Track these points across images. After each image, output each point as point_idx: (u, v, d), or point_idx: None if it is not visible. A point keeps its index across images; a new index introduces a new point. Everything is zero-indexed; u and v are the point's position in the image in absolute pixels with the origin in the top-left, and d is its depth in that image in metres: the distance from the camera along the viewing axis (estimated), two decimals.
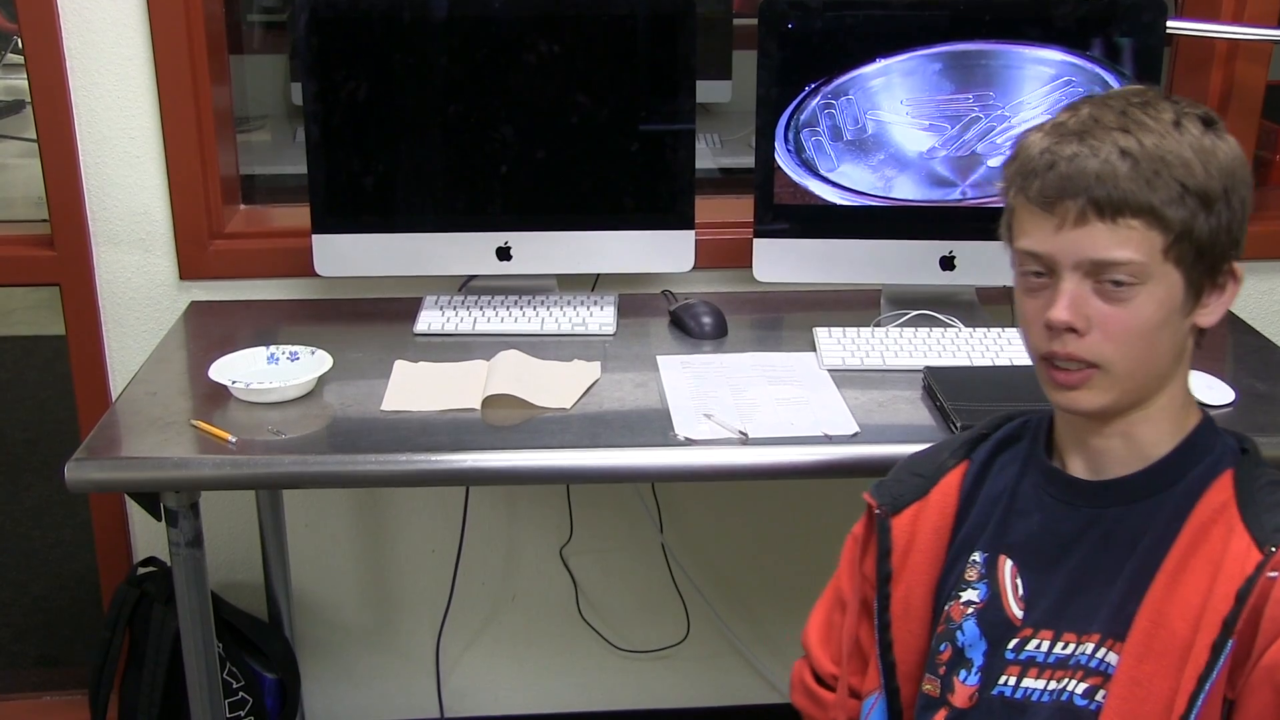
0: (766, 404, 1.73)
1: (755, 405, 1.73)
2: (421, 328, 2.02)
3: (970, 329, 1.96)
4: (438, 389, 1.79)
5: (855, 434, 1.66)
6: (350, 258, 2.05)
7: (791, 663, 1.45)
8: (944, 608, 1.26)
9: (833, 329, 1.95)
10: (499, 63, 1.99)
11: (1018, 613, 1.20)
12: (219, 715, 1.84)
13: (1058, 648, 1.16)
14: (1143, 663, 1.10)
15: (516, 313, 2.04)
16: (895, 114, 1.99)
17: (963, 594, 1.24)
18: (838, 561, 1.39)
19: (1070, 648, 1.15)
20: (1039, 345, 1.16)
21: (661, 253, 2.07)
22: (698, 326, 2.01)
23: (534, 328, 2.00)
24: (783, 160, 2.01)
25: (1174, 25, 2.06)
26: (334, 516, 2.41)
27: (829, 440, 1.65)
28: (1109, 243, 1.09)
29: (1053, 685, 1.15)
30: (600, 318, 2.03)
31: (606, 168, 2.04)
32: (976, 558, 1.25)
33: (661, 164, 2.03)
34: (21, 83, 2.17)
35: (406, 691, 2.53)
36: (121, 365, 2.23)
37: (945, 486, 1.30)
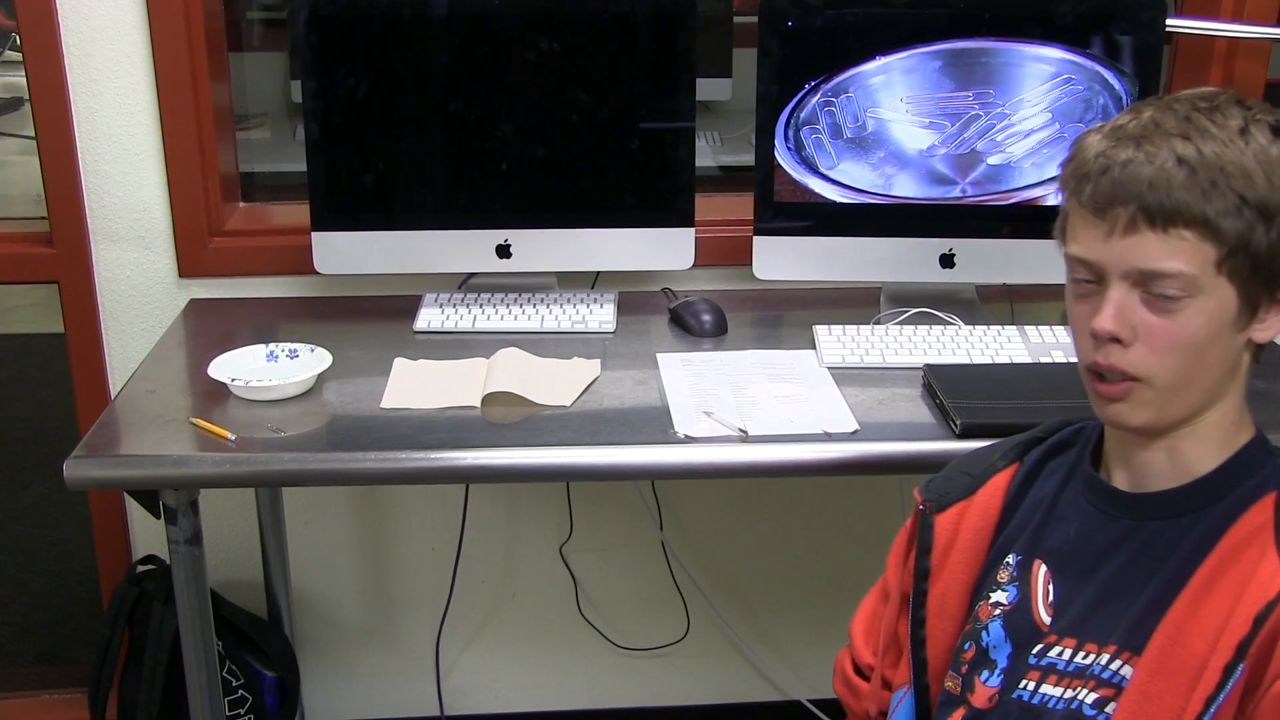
0: (766, 401, 1.73)
1: (755, 403, 1.73)
2: (421, 325, 2.02)
3: (970, 327, 1.96)
4: (437, 387, 1.79)
5: (855, 431, 1.66)
6: (350, 255, 2.05)
7: (792, 660, 1.46)
8: (974, 607, 1.25)
9: (832, 327, 1.95)
10: (499, 60, 1.99)
11: (1046, 619, 1.19)
12: (218, 713, 1.84)
13: (1079, 657, 1.15)
14: (1155, 678, 1.08)
15: (516, 310, 2.04)
16: (895, 112, 1.99)
17: (993, 595, 1.23)
18: (838, 558, 1.39)
19: (1090, 658, 1.14)
20: (1085, 355, 1.14)
21: (661, 250, 2.07)
22: (698, 324, 2.00)
23: (534, 325, 2.00)
24: (783, 158, 2.01)
25: (1173, 23, 2.06)
26: (334, 514, 2.41)
27: (829, 438, 1.65)
28: (1159, 253, 1.06)
29: (1068, 694, 1.14)
30: (600, 315, 2.03)
31: (607, 165, 2.04)
32: (1010, 560, 1.23)
33: (662, 161, 2.03)
34: (20, 80, 2.17)
35: (406, 689, 2.53)
36: (121, 363, 2.23)
37: (992, 487, 1.28)
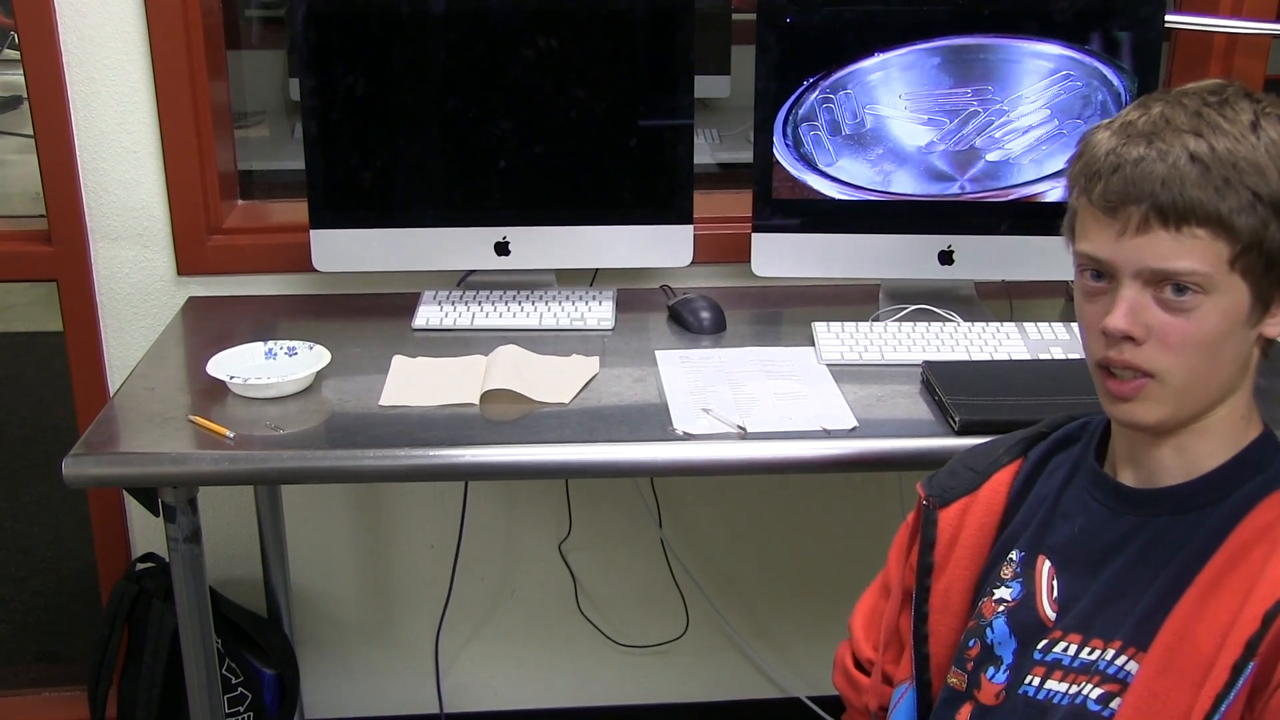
0: (765, 399, 1.73)
1: (754, 400, 1.72)
2: (420, 323, 2.02)
3: (969, 324, 1.96)
4: (436, 384, 1.79)
5: (854, 428, 1.66)
6: (348, 253, 2.05)
7: (791, 657, 1.46)
8: (978, 604, 1.24)
9: (831, 324, 1.95)
10: (497, 58, 1.98)
11: (1051, 614, 1.18)
12: (218, 711, 1.84)
13: (1084, 653, 1.14)
14: (1162, 675, 1.07)
15: (515, 308, 2.04)
16: (894, 108, 1.99)
17: (996, 591, 1.23)
18: (837, 555, 1.39)
19: (1096, 654, 1.13)
20: (1095, 352, 1.12)
21: (660, 247, 2.07)
22: (696, 321, 2.00)
23: (532, 323, 2.00)
24: (781, 155, 2.01)
25: (1172, 19, 2.06)
26: (333, 512, 2.41)
27: (827, 435, 1.65)
28: (1172, 252, 1.05)
29: (1073, 689, 1.13)
30: (599, 313, 2.03)
31: (605, 163, 2.04)
32: (1014, 556, 1.23)
33: (660, 159, 2.03)
34: (18, 78, 2.17)
35: (406, 686, 2.53)
36: (119, 361, 2.23)
37: (996, 483, 1.27)
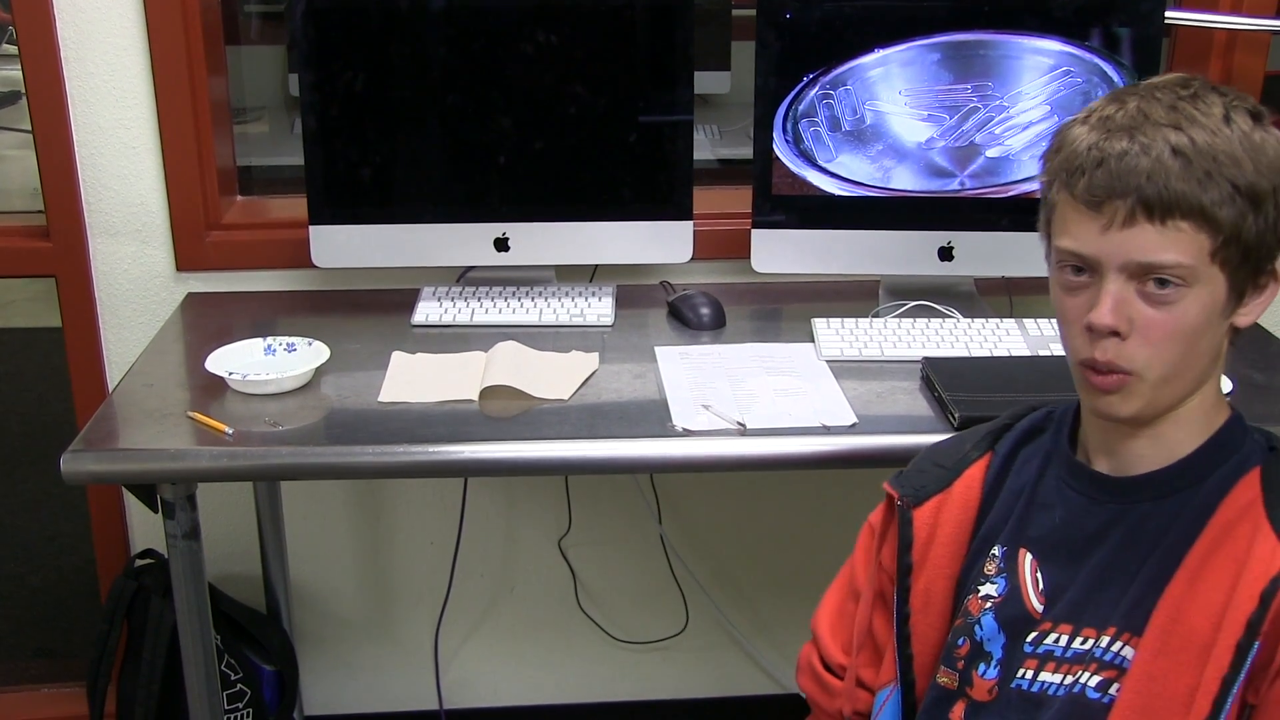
0: (765, 395, 1.73)
1: (753, 396, 1.72)
2: (419, 319, 2.02)
3: (969, 320, 1.96)
4: (435, 380, 1.78)
5: (853, 425, 1.66)
6: (347, 249, 2.05)
7: (791, 653, 1.45)
8: (963, 602, 1.24)
9: (831, 320, 1.95)
10: (497, 53, 1.98)
11: (1038, 606, 1.19)
12: (217, 707, 1.84)
13: (1076, 642, 1.15)
14: (1159, 658, 1.08)
15: (514, 304, 2.04)
16: (893, 104, 1.98)
17: (981, 588, 1.23)
18: (836, 551, 1.39)
19: (1089, 643, 1.14)
20: (1079, 349, 1.13)
21: (660, 243, 2.07)
22: (696, 317, 2.00)
23: (532, 319, 2.00)
24: (781, 151, 2.01)
25: (1172, 15, 2.06)
26: (332, 508, 2.40)
27: (827, 431, 1.65)
28: (1157, 245, 1.06)
29: (1068, 679, 1.14)
30: (598, 309, 2.03)
31: (605, 159, 2.04)
32: (996, 551, 1.23)
33: (660, 155, 2.03)
34: (16, 74, 2.16)
35: (405, 683, 2.53)
36: (118, 357, 2.23)
37: (968, 479, 1.28)
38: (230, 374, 1.75)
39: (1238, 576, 1.07)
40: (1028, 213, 2.00)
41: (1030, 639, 1.18)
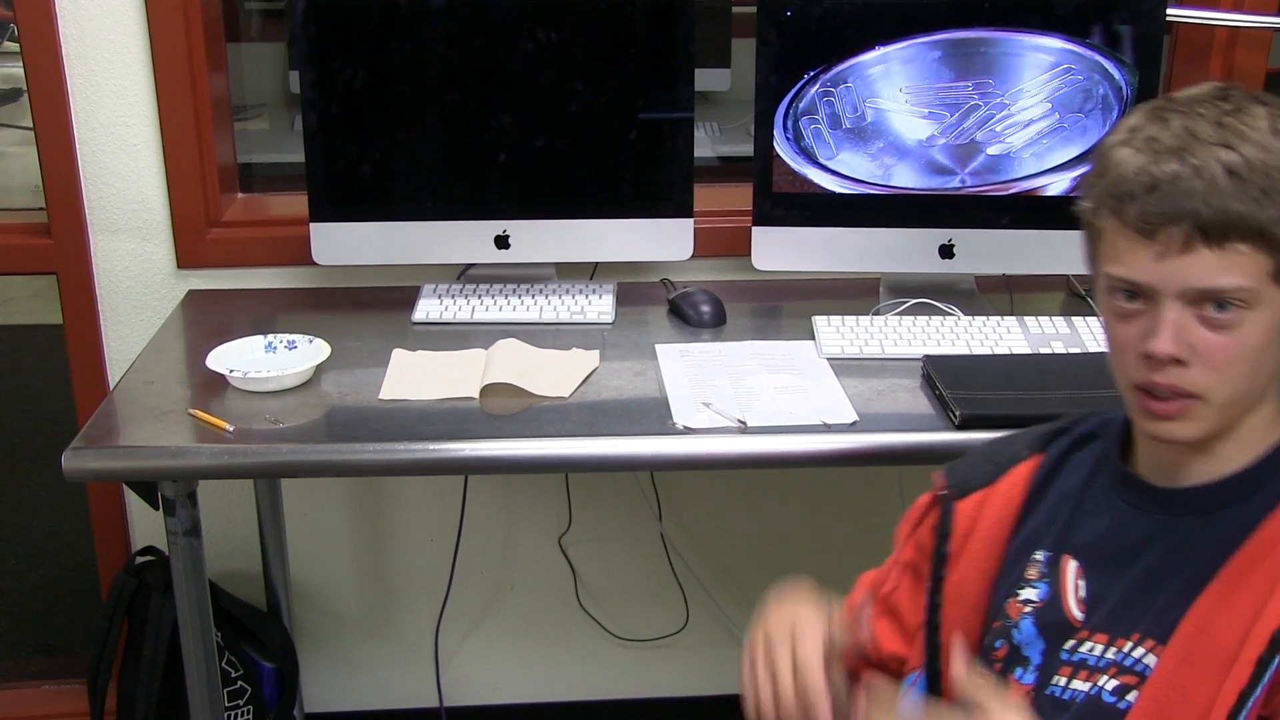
0: (765, 392, 1.73)
1: (754, 394, 1.72)
2: (420, 316, 2.02)
3: (969, 317, 1.95)
4: (436, 378, 1.78)
5: (854, 422, 1.66)
6: (348, 246, 2.05)
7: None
8: (1001, 604, 1.23)
9: (831, 317, 1.94)
10: (497, 50, 1.98)
11: (1078, 614, 1.17)
12: (217, 704, 1.84)
13: (1110, 653, 1.13)
14: (1181, 668, 1.06)
15: (515, 301, 2.04)
16: (894, 102, 1.98)
17: (1021, 592, 1.21)
18: (837, 548, 1.37)
19: (1118, 651, 1.12)
20: (1134, 374, 1.08)
21: (660, 241, 2.07)
22: (696, 315, 2.00)
23: (532, 316, 2.00)
24: (782, 148, 2.01)
25: (1174, 12, 2.06)
26: (332, 505, 2.41)
27: (828, 429, 1.65)
28: (1216, 269, 1.02)
29: (1089, 685, 1.12)
30: (599, 306, 2.03)
31: (605, 156, 2.03)
32: (1039, 556, 1.21)
33: (660, 152, 2.03)
34: (18, 70, 2.17)
35: (405, 680, 2.53)
36: (119, 354, 2.23)
37: (1014, 477, 1.26)
38: (231, 371, 1.75)
39: (1270, 593, 1.05)
40: (1028, 210, 2.02)
41: (1068, 646, 1.16)
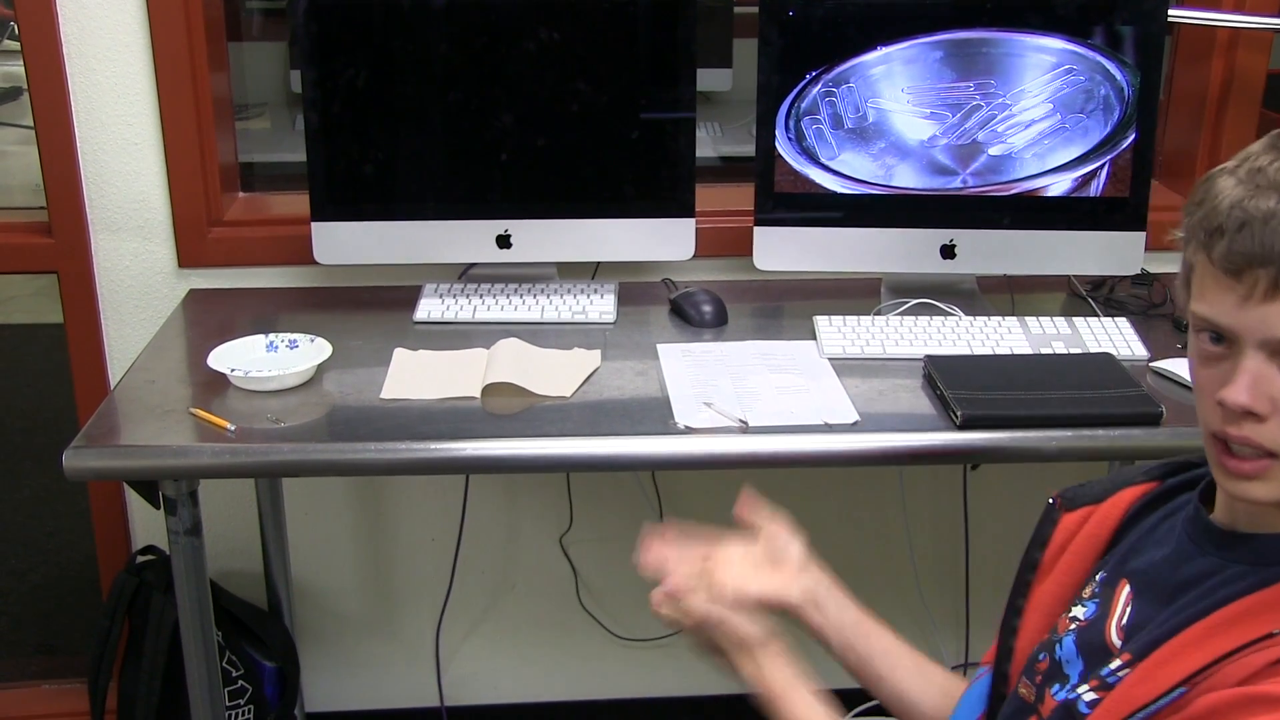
0: (767, 392, 1.73)
1: (756, 394, 1.72)
2: (421, 316, 2.02)
3: (971, 318, 1.95)
4: (437, 377, 1.78)
5: (855, 422, 1.66)
6: (350, 245, 2.05)
7: (793, 651, 1.43)
8: (1060, 617, 1.21)
9: (833, 317, 1.94)
10: (499, 50, 1.98)
11: (1116, 641, 1.13)
12: (218, 703, 1.84)
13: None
14: (1139, 685, 1.04)
15: (516, 301, 2.04)
16: (896, 102, 1.98)
17: (1074, 609, 1.19)
18: (837, 549, 1.36)
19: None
20: (1210, 422, 1.02)
21: (662, 241, 2.07)
22: (698, 315, 2.00)
23: (534, 316, 2.00)
24: (783, 148, 2.01)
25: (1175, 13, 2.06)
26: (333, 505, 2.41)
27: (829, 429, 1.65)
28: None
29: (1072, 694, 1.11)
30: (600, 306, 2.03)
31: (607, 156, 2.03)
32: (1098, 576, 1.19)
33: (662, 152, 2.03)
34: (18, 69, 2.17)
35: (406, 679, 2.53)
36: (120, 353, 2.23)
37: (1118, 499, 1.21)
38: (232, 370, 1.75)
39: (1243, 641, 0.99)
40: (1030, 211, 2.02)
41: (1104, 670, 1.12)
